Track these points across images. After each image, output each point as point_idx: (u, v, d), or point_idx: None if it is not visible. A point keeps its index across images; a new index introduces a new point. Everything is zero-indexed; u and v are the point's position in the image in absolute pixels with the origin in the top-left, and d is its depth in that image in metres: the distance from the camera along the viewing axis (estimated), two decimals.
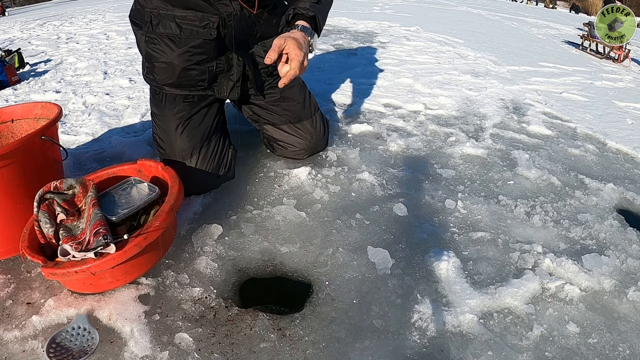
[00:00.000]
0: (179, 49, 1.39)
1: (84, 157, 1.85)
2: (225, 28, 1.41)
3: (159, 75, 1.44)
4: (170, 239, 1.25)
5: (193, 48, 1.39)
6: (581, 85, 3.39)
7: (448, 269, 1.24)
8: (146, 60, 1.46)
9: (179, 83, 1.44)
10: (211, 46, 1.41)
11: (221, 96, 1.52)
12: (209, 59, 1.43)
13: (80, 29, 5.48)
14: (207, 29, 1.37)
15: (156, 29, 1.38)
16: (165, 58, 1.40)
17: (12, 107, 1.48)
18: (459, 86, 3.01)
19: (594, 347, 1.04)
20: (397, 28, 5.39)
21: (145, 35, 1.41)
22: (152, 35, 1.40)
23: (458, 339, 1.05)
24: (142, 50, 1.46)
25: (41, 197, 1.14)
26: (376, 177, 1.71)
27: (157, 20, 1.37)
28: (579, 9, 14.08)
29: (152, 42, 1.40)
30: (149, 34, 1.40)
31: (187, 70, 1.42)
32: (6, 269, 1.23)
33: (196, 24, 1.37)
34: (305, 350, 1.00)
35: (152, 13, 1.37)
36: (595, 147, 2.14)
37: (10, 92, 2.84)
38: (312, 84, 2.81)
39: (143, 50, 1.46)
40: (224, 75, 1.49)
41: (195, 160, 1.47)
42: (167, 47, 1.39)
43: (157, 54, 1.41)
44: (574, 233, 1.45)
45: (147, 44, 1.42)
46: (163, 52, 1.40)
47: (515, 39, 5.58)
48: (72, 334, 1.01)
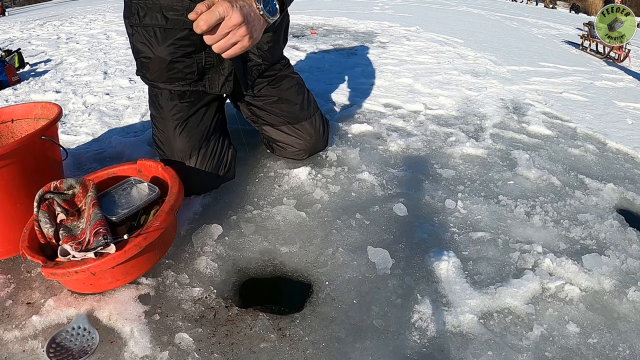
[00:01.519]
0: (165, 42, 1.35)
1: (84, 157, 1.85)
2: None
3: (148, 71, 1.42)
4: (170, 239, 1.25)
5: (179, 40, 1.35)
6: (581, 85, 3.39)
7: (448, 269, 1.24)
8: (135, 56, 1.44)
9: (168, 77, 1.41)
10: (196, 36, 1.37)
11: (213, 91, 1.48)
12: (197, 51, 1.39)
13: (80, 29, 5.48)
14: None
15: (143, 21, 1.34)
16: (151, 52, 1.37)
17: (12, 107, 1.48)
18: (459, 86, 3.01)
19: (594, 347, 1.04)
20: (397, 28, 5.39)
21: (132, 28, 1.38)
22: (138, 29, 1.37)
23: (458, 339, 1.05)
24: (132, 47, 1.43)
25: (41, 197, 1.14)
26: (376, 177, 1.71)
27: (144, 12, 1.34)
28: (579, 9, 14.09)
29: (138, 38, 1.38)
30: (136, 27, 1.37)
31: (175, 62, 1.38)
32: (6, 269, 1.23)
33: (182, 13, 1.32)
34: (305, 350, 1.00)
35: (138, 5, 1.34)
36: (595, 147, 2.14)
37: (10, 92, 2.84)
38: (312, 84, 2.81)
39: (132, 47, 1.43)
40: (214, 70, 1.46)
41: (195, 161, 1.46)
42: (153, 39, 1.36)
43: (143, 48, 1.38)
44: (574, 233, 1.45)
45: (134, 39, 1.39)
46: (150, 45, 1.37)
47: (515, 39, 5.58)
48: (72, 334, 1.01)
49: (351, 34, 4.84)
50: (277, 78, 1.64)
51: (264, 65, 1.58)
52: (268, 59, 1.58)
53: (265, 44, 1.54)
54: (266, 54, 1.55)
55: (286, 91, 1.66)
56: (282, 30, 1.63)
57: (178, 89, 1.45)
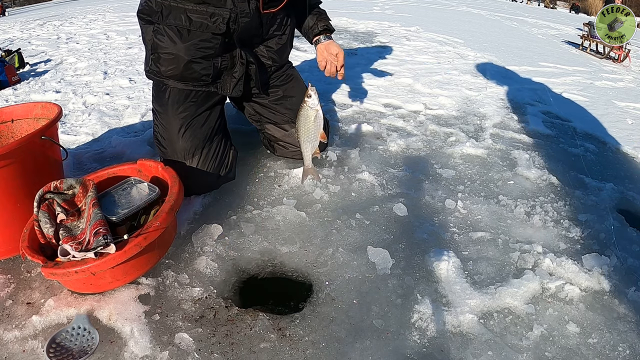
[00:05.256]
0: (186, 42, 1.39)
1: (84, 157, 1.85)
2: (235, 24, 1.42)
3: (163, 66, 1.44)
4: (170, 239, 1.25)
5: (201, 41, 1.40)
6: (581, 85, 3.39)
7: (448, 269, 1.24)
8: (152, 51, 1.45)
9: (183, 76, 1.44)
10: (218, 41, 1.42)
11: (224, 93, 1.53)
12: (215, 55, 1.44)
13: (80, 29, 5.48)
14: (216, 23, 1.39)
15: (166, 20, 1.39)
16: (172, 49, 1.40)
17: (12, 107, 1.48)
18: (459, 86, 3.01)
19: (594, 347, 1.04)
20: (397, 28, 5.39)
21: (154, 25, 1.41)
22: (160, 26, 1.40)
23: (458, 339, 1.05)
24: (149, 42, 1.45)
25: (41, 197, 1.14)
26: (376, 177, 1.71)
27: (168, 11, 1.38)
28: (579, 9, 14.10)
29: (159, 33, 1.40)
30: (158, 24, 1.40)
31: (193, 63, 1.42)
32: (6, 269, 1.23)
33: (206, 17, 1.38)
34: (305, 350, 1.00)
35: (162, 4, 1.39)
36: (595, 147, 2.14)
37: (10, 92, 2.84)
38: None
39: (149, 42, 1.45)
40: (227, 73, 1.50)
41: (197, 161, 1.47)
42: (176, 37, 1.39)
43: (164, 44, 1.41)
44: (574, 233, 1.45)
45: (154, 34, 1.42)
46: (171, 42, 1.40)
47: (515, 39, 5.58)
48: (72, 334, 1.01)
49: (351, 34, 4.84)
50: (282, 76, 1.71)
51: (274, 66, 1.66)
52: (277, 61, 1.67)
53: (274, 46, 1.63)
54: (275, 56, 1.64)
55: (291, 88, 1.72)
56: (290, 34, 1.68)
57: (190, 88, 1.47)
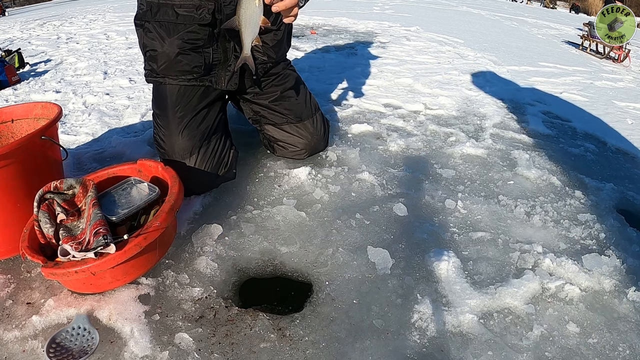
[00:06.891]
0: (174, 35, 1.44)
1: (84, 157, 1.85)
2: (220, 14, 1.44)
3: (156, 63, 1.48)
4: (170, 239, 1.25)
5: (188, 33, 1.44)
6: (581, 85, 3.39)
7: (448, 269, 1.24)
8: (144, 49, 1.51)
9: (175, 70, 1.47)
10: (206, 32, 1.45)
11: (219, 87, 1.54)
12: (204, 45, 1.47)
13: (80, 29, 5.48)
14: (202, 15, 1.42)
15: (155, 17, 1.44)
16: (161, 43, 1.45)
17: (12, 107, 1.48)
18: (459, 86, 3.01)
19: (594, 347, 1.04)
20: (397, 28, 5.39)
21: (144, 23, 1.46)
22: (150, 24, 1.45)
23: (458, 339, 1.05)
24: (141, 42, 1.51)
25: (41, 197, 1.14)
26: (376, 177, 1.71)
27: (157, 9, 1.44)
28: (579, 9, 14.10)
29: (149, 31, 1.46)
30: (148, 23, 1.46)
31: (182, 54, 1.45)
32: (6, 269, 1.23)
33: (192, 10, 1.42)
34: (305, 350, 1.00)
35: (152, 3, 1.44)
36: (595, 147, 2.14)
37: (10, 92, 2.84)
38: (312, 84, 2.81)
39: (141, 42, 1.51)
40: (221, 66, 1.52)
41: (195, 160, 1.47)
42: (164, 33, 1.44)
43: (154, 40, 1.46)
44: (574, 233, 1.45)
45: (145, 33, 1.47)
46: (160, 38, 1.45)
47: (515, 39, 5.58)
48: (72, 334, 1.01)
49: (351, 34, 4.84)
50: (280, 76, 1.70)
51: (269, 63, 1.65)
52: (273, 57, 1.65)
53: (270, 41, 1.61)
54: (271, 52, 1.63)
55: (289, 88, 1.71)
56: (285, 30, 1.67)
57: (185, 83, 1.49)
